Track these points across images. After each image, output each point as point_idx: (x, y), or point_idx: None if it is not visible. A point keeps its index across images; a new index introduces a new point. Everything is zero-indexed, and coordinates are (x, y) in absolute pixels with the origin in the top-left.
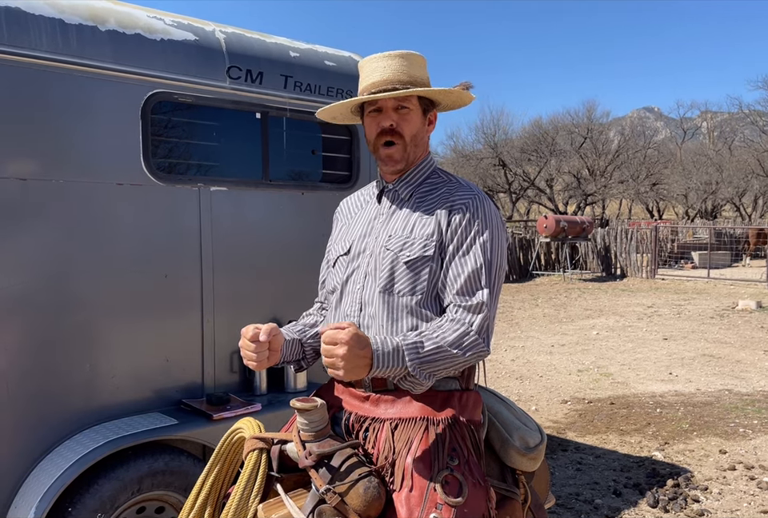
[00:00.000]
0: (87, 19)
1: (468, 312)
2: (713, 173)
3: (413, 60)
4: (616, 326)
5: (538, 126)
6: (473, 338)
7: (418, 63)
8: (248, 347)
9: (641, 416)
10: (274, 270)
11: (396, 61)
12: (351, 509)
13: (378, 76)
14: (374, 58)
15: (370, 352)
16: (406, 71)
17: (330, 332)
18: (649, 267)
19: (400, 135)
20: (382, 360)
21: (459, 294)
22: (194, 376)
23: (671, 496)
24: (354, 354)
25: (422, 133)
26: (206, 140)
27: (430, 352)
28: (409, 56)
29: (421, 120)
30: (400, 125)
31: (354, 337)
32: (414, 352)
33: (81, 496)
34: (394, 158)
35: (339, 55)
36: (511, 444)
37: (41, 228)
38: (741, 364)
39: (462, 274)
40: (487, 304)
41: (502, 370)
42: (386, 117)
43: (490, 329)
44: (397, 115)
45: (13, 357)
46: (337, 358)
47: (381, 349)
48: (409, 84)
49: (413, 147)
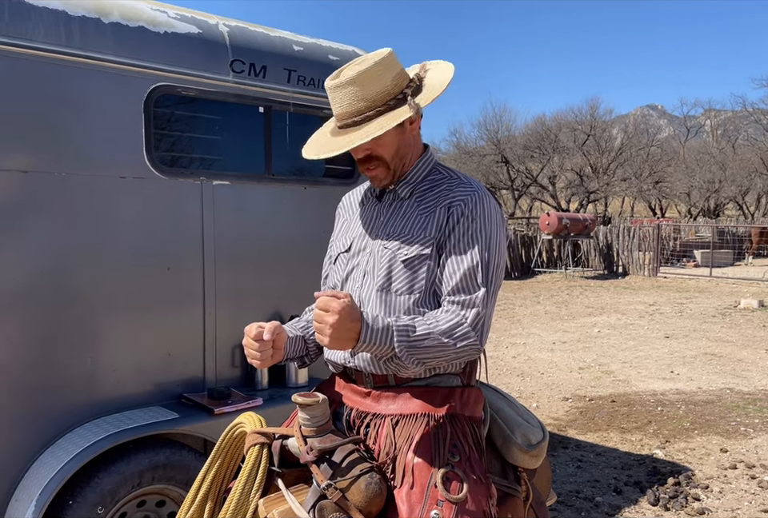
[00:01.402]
0: (91, 11)
1: (462, 307)
2: (716, 171)
3: (367, 78)
4: (617, 324)
5: (541, 123)
6: (466, 330)
7: (374, 77)
8: (252, 346)
9: (642, 414)
10: (276, 264)
11: (348, 90)
12: (352, 505)
13: (337, 108)
14: (329, 86)
15: (359, 326)
16: (362, 96)
17: (325, 299)
18: (651, 265)
19: (378, 158)
20: (370, 336)
21: (454, 291)
22: (196, 371)
23: (672, 495)
24: (342, 325)
25: (403, 143)
26: (208, 134)
27: (421, 337)
28: (359, 77)
29: (396, 133)
30: (375, 151)
31: (347, 308)
32: (404, 335)
33: (81, 490)
34: (379, 178)
35: (343, 49)
36: (513, 441)
37: (42, 221)
38: (742, 363)
39: (457, 272)
40: (482, 302)
41: (503, 367)
42: (358, 151)
43: (483, 326)
44: (369, 144)
45: (14, 350)
46: (326, 325)
47: (371, 325)
48: (367, 110)
49: (397, 161)
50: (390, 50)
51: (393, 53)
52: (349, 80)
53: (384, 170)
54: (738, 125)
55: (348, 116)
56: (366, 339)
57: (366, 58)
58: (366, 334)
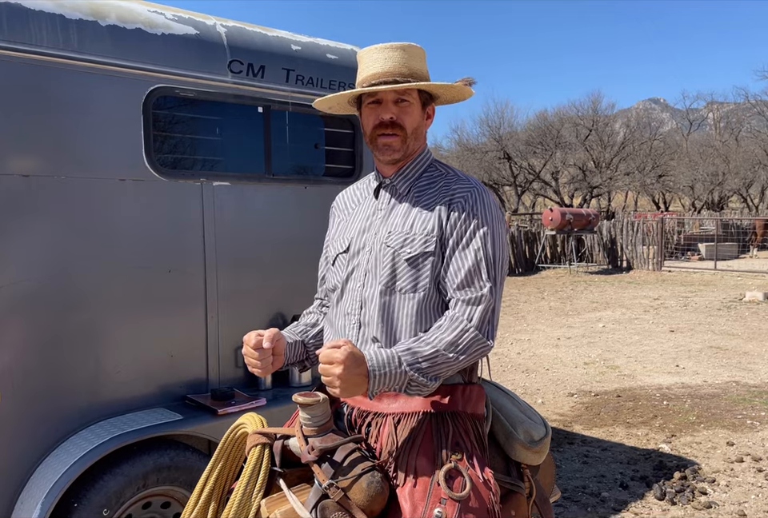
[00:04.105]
0: (88, 14)
1: (468, 305)
2: (719, 164)
3: (413, 52)
4: (622, 319)
5: (543, 119)
6: (472, 335)
7: (418, 56)
8: (252, 354)
9: (647, 409)
10: (277, 265)
11: (397, 53)
12: (354, 504)
13: (378, 67)
14: (373, 49)
15: (366, 368)
16: (407, 64)
17: (327, 352)
18: (655, 259)
19: (401, 127)
20: (378, 371)
21: (460, 288)
22: (199, 372)
23: (678, 489)
24: (350, 372)
25: (421, 127)
26: (208, 134)
27: (428, 356)
28: (409, 48)
29: (420, 113)
30: (401, 118)
31: (350, 356)
32: (411, 356)
33: (86, 492)
34: (393, 147)
35: (341, 48)
36: (516, 438)
37: (44, 224)
38: (748, 356)
39: (462, 268)
40: (488, 296)
41: (507, 363)
42: (386, 109)
43: (492, 322)
44: (397, 108)
45: (17, 354)
46: (334, 377)
47: (374, 359)
48: (409, 77)
49: (413, 139)
50: None
51: None
52: (400, 45)
53: (400, 141)
54: (741, 117)
55: (390, 75)
56: (375, 374)
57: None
58: (373, 371)
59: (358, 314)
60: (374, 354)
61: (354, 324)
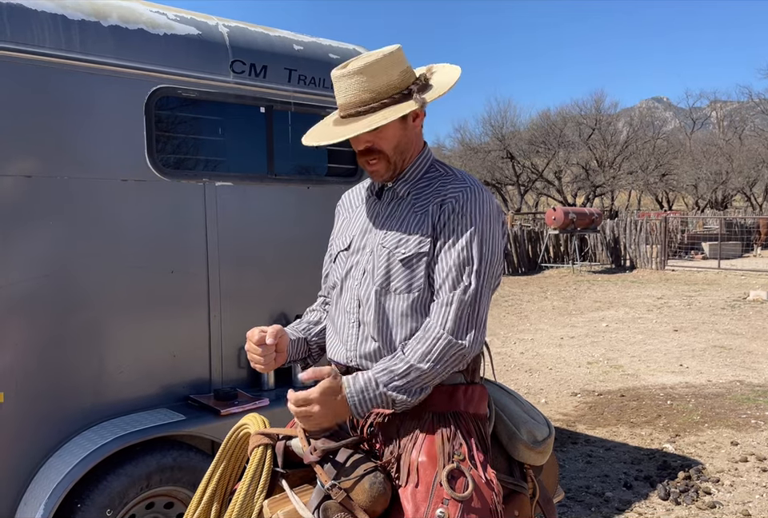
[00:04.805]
0: (90, 15)
1: (443, 306)
2: (723, 162)
3: (373, 70)
4: (626, 318)
5: (546, 118)
6: (445, 342)
7: (380, 70)
8: (255, 351)
9: (651, 409)
10: (280, 265)
11: (354, 80)
12: (357, 505)
13: (341, 98)
14: (335, 76)
15: (344, 395)
16: (367, 87)
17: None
18: (658, 258)
19: (379, 151)
20: (356, 397)
21: (440, 288)
22: (202, 372)
23: (682, 489)
24: (329, 406)
25: (404, 139)
26: (210, 135)
27: (402, 373)
28: (367, 68)
29: (399, 127)
30: (376, 143)
31: (326, 390)
32: (388, 376)
33: (90, 493)
34: (380, 173)
35: (344, 48)
36: (519, 438)
37: (46, 225)
38: (752, 355)
39: (444, 268)
40: (460, 296)
41: (511, 363)
42: (358, 141)
43: (469, 323)
44: (370, 135)
45: (19, 354)
46: (315, 417)
47: (352, 386)
48: (372, 102)
49: (398, 156)
50: (398, 46)
51: (401, 49)
52: (356, 70)
53: (384, 165)
54: (745, 115)
55: (352, 106)
56: (355, 401)
57: (375, 52)
58: (352, 398)
59: (356, 312)
60: (351, 381)
61: (354, 322)
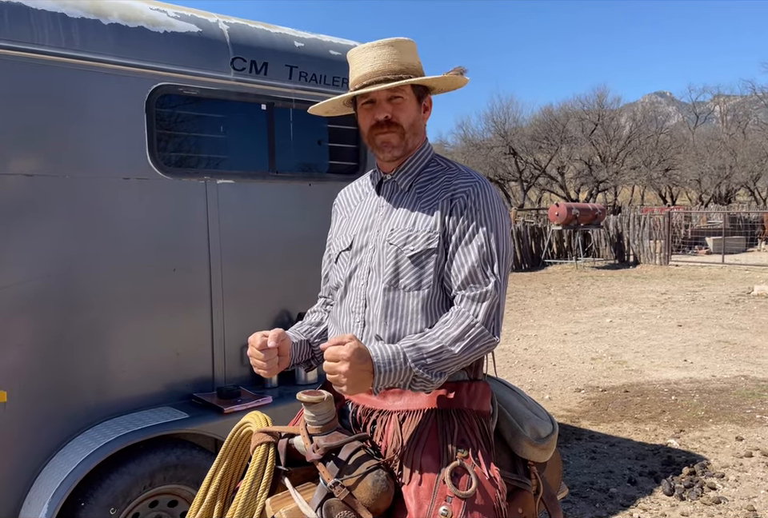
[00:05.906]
0: (90, 13)
1: (473, 301)
2: (726, 157)
3: (402, 47)
4: (629, 313)
5: (549, 114)
6: (478, 330)
7: (408, 49)
8: (257, 355)
9: (656, 404)
10: (282, 262)
11: (386, 50)
12: (360, 503)
13: (368, 67)
14: (362, 49)
15: (371, 364)
16: (397, 59)
17: (332, 349)
18: (662, 253)
19: (397, 125)
20: (383, 367)
21: (464, 284)
22: (205, 370)
23: (687, 484)
24: (356, 369)
25: (418, 121)
26: (211, 132)
27: (433, 352)
28: (398, 43)
29: (416, 108)
30: (396, 116)
31: (356, 352)
32: (417, 353)
33: (93, 491)
34: (392, 143)
35: (344, 44)
36: (522, 435)
37: (48, 224)
38: (757, 350)
39: (465, 264)
40: (492, 292)
41: (514, 359)
42: (380, 109)
43: (497, 318)
44: (391, 106)
45: (22, 353)
46: (340, 375)
47: (379, 355)
48: (401, 73)
49: (411, 135)
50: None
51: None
52: (388, 42)
53: (398, 137)
54: (748, 110)
55: (380, 74)
56: (380, 370)
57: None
58: (378, 366)
59: (362, 312)
60: (379, 350)
61: (359, 322)
